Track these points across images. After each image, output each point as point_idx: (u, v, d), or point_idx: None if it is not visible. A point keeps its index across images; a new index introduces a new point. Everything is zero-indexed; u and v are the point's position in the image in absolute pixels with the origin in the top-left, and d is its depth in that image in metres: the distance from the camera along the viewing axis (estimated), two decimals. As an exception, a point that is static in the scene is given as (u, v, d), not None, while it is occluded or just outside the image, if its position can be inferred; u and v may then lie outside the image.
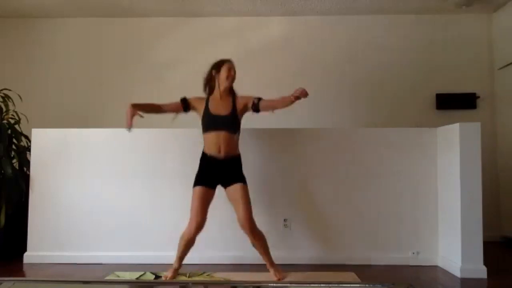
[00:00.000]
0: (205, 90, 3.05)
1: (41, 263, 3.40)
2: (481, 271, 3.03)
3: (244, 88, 3.08)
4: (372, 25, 4.80)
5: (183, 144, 3.50)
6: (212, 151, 2.91)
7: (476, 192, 3.07)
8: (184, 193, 3.43)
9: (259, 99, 2.97)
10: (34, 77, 4.83)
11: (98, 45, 4.89)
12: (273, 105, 2.98)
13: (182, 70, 4.65)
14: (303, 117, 4.69)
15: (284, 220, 3.49)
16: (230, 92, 3.02)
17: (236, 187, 2.89)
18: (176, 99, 3.07)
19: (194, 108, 3.03)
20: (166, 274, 2.95)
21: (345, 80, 4.76)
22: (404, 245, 3.44)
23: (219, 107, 2.95)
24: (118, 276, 3.02)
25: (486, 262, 3.05)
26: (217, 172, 2.91)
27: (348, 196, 3.50)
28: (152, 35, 4.87)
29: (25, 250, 3.49)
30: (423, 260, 3.40)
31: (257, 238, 2.91)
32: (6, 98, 3.91)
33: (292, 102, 2.83)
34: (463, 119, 3.54)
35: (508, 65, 4.44)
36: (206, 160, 2.94)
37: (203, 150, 2.97)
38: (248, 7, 4.63)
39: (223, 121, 2.91)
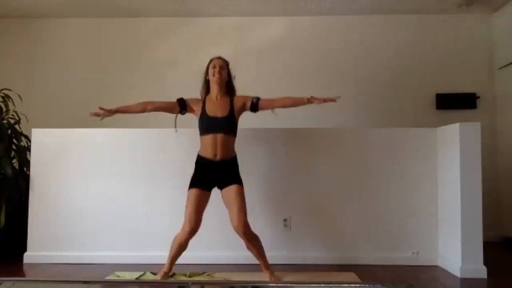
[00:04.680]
0: (202, 92, 3.03)
1: (41, 263, 3.40)
2: (481, 271, 3.03)
3: (244, 88, 3.08)
4: (372, 25, 4.80)
5: (183, 144, 3.50)
6: (208, 154, 2.87)
7: (476, 192, 3.07)
8: (184, 193, 3.43)
9: (258, 98, 2.94)
10: (34, 77, 4.83)
11: (98, 45, 4.89)
12: (278, 103, 2.94)
13: (182, 70, 4.65)
14: (303, 117, 4.68)
15: (284, 220, 3.49)
16: (228, 92, 2.98)
17: (230, 188, 2.85)
18: (175, 99, 3.06)
19: (191, 110, 2.99)
20: (156, 277, 2.91)
21: (345, 80, 4.75)
22: (404, 245, 3.44)
23: (216, 108, 2.90)
24: (118, 276, 3.02)
25: (486, 262, 3.05)
26: (213, 174, 2.87)
27: (348, 196, 3.50)
28: (152, 35, 4.86)
29: (25, 250, 3.49)
30: (423, 260, 3.40)
31: (252, 240, 2.85)
32: (6, 98, 3.91)
33: (306, 103, 2.83)
34: (463, 119, 3.54)
35: (508, 65, 4.44)
36: (201, 163, 2.91)
37: (199, 152, 2.94)
38: (248, 7, 4.63)
39: (220, 123, 2.86)
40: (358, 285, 2.69)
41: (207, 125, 2.89)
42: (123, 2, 4.53)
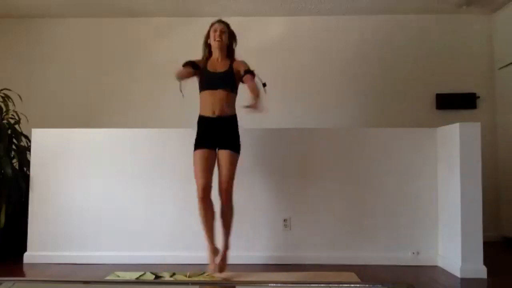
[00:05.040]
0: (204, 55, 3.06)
1: (41, 263, 3.40)
2: (481, 271, 3.03)
3: (244, 87, 3.07)
4: (372, 25, 4.80)
5: (183, 144, 3.49)
6: (207, 112, 2.91)
7: (476, 192, 3.07)
8: (184, 193, 3.44)
9: (247, 72, 2.90)
10: (34, 77, 4.83)
11: (98, 45, 4.88)
12: (250, 89, 2.85)
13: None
14: (303, 117, 4.69)
15: (284, 220, 3.49)
16: (229, 55, 3.02)
17: (225, 153, 2.88)
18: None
19: (199, 66, 3.01)
20: (210, 267, 2.90)
21: (345, 80, 4.76)
22: (404, 245, 3.44)
23: (216, 66, 2.97)
24: (118, 276, 3.02)
25: (486, 262, 3.05)
26: (212, 133, 2.90)
27: (348, 196, 3.50)
28: (152, 35, 4.87)
29: (25, 250, 3.49)
30: (423, 260, 3.40)
31: (229, 207, 2.91)
32: (6, 98, 3.91)
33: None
34: (463, 119, 3.54)
35: (508, 65, 4.43)
36: (202, 123, 2.94)
37: (199, 112, 2.96)
38: (248, 7, 4.63)
39: (220, 78, 2.90)
40: (358, 285, 2.69)
41: (206, 80, 2.93)
42: (123, 2, 4.53)
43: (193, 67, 2.98)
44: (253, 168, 3.44)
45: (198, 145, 2.91)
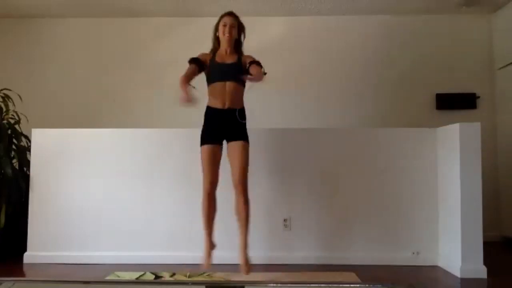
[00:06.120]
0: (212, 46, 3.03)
1: (41, 263, 3.40)
2: (481, 271, 3.03)
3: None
4: (372, 25, 4.80)
5: (183, 144, 3.50)
6: (217, 104, 2.85)
7: (476, 192, 3.07)
8: (185, 193, 3.45)
9: (253, 62, 2.89)
10: (34, 77, 4.83)
11: (98, 45, 4.88)
12: (254, 71, 2.83)
13: (182, 70, 4.62)
14: (304, 117, 4.69)
15: (284, 220, 3.49)
16: (236, 50, 2.98)
17: (237, 144, 2.83)
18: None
19: (205, 62, 2.95)
20: (204, 264, 2.84)
21: (345, 80, 4.75)
22: (404, 245, 3.44)
23: (224, 58, 2.92)
24: (118, 276, 3.02)
25: (486, 262, 3.05)
26: (221, 126, 2.85)
27: (348, 196, 3.50)
28: (152, 35, 4.86)
29: (25, 250, 3.49)
30: (423, 260, 3.40)
31: (246, 201, 2.82)
32: (6, 98, 3.91)
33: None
34: (463, 119, 3.54)
35: (508, 65, 4.44)
36: (210, 114, 2.88)
37: (207, 103, 2.90)
38: (248, 7, 4.62)
39: (229, 69, 2.85)
40: (358, 285, 2.69)
41: (216, 71, 2.88)
42: (123, 2, 4.53)
43: (199, 66, 2.92)
44: (253, 168, 3.42)
45: (205, 139, 2.85)
